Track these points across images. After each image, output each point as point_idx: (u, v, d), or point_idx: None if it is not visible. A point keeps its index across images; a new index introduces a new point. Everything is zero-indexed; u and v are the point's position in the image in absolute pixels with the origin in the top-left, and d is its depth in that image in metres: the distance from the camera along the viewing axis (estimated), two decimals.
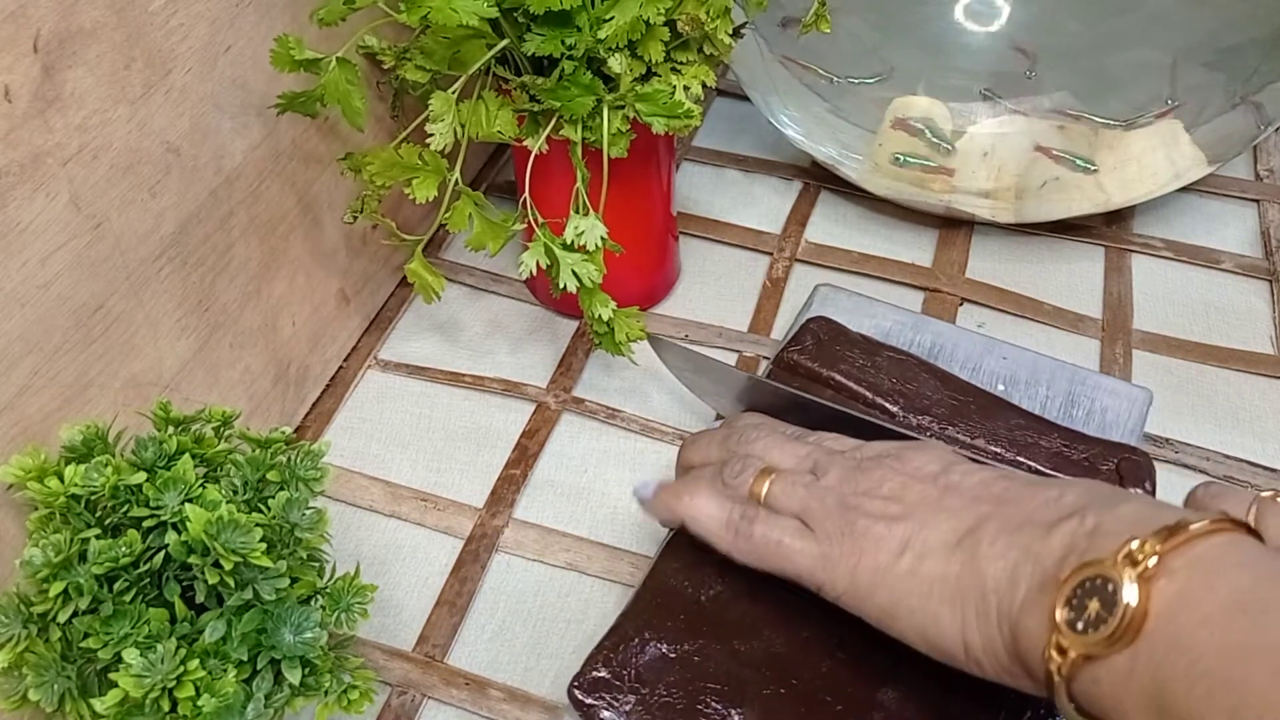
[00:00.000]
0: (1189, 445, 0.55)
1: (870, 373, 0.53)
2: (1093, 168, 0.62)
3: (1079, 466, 0.49)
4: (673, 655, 0.43)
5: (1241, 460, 0.54)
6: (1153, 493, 0.48)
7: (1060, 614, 0.31)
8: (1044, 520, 0.35)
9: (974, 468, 0.40)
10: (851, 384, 0.52)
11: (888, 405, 0.52)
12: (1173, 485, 0.51)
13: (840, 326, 0.55)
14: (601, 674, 0.42)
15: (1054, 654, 0.31)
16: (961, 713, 0.41)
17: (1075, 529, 0.34)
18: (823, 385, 0.52)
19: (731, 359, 0.59)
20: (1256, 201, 0.70)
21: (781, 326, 0.61)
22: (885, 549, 0.38)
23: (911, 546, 0.37)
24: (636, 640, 0.43)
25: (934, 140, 0.63)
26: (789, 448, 0.44)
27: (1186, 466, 0.54)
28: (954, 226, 0.68)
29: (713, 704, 0.41)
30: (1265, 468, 0.53)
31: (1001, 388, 0.54)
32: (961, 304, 0.63)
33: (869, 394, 0.52)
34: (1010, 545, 0.35)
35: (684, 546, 0.46)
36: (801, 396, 0.50)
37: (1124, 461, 0.49)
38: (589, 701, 0.41)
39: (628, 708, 0.41)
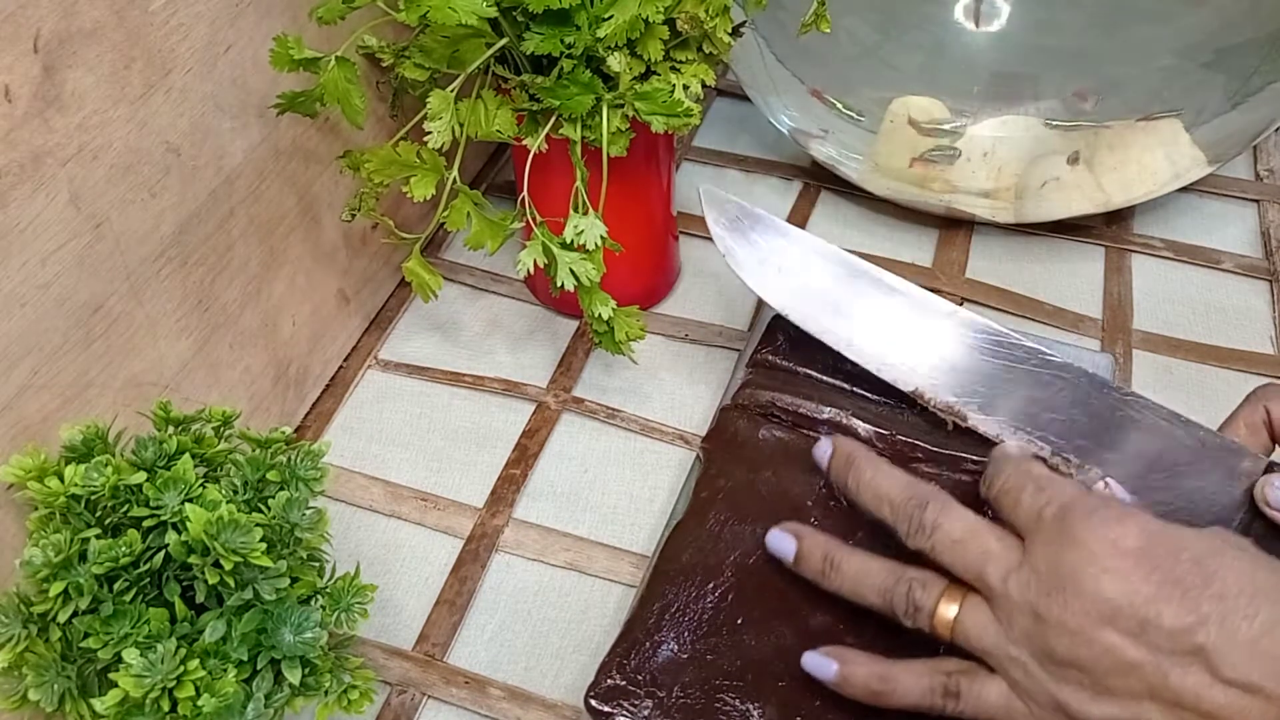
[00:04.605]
0: None
1: (845, 362, 0.52)
2: (1178, 111, 0.62)
3: None
4: (685, 656, 0.43)
5: None
6: None
7: None
8: None
9: (1165, 599, 0.35)
10: (828, 378, 0.52)
11: (866, 394, 0.52)
12: None
13: None
14: (617, 681, 0.42)
15: None
16: None
17: None
18: (799, 382, 0.52)
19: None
20: (1256, 201, 0.70)
21: None
22: None
23: None
24: (648, 644, 0.43)
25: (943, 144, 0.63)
26: (969, 543, 0.39)
27: None
28: (954, 226, 0.68)
29: (730, 701, 0.41)
30: None
31: None
32: (961, 304, 0.63)
33: (847, 385, 0.52)
34: None
35: (683, 546, 0.47)
36: (858, 267, 0.50)
37: None
38: (607, 710, 0.41)
39: (646, 712, 0.41)
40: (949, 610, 0.39)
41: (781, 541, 0.44)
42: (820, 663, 0.41)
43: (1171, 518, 0.41)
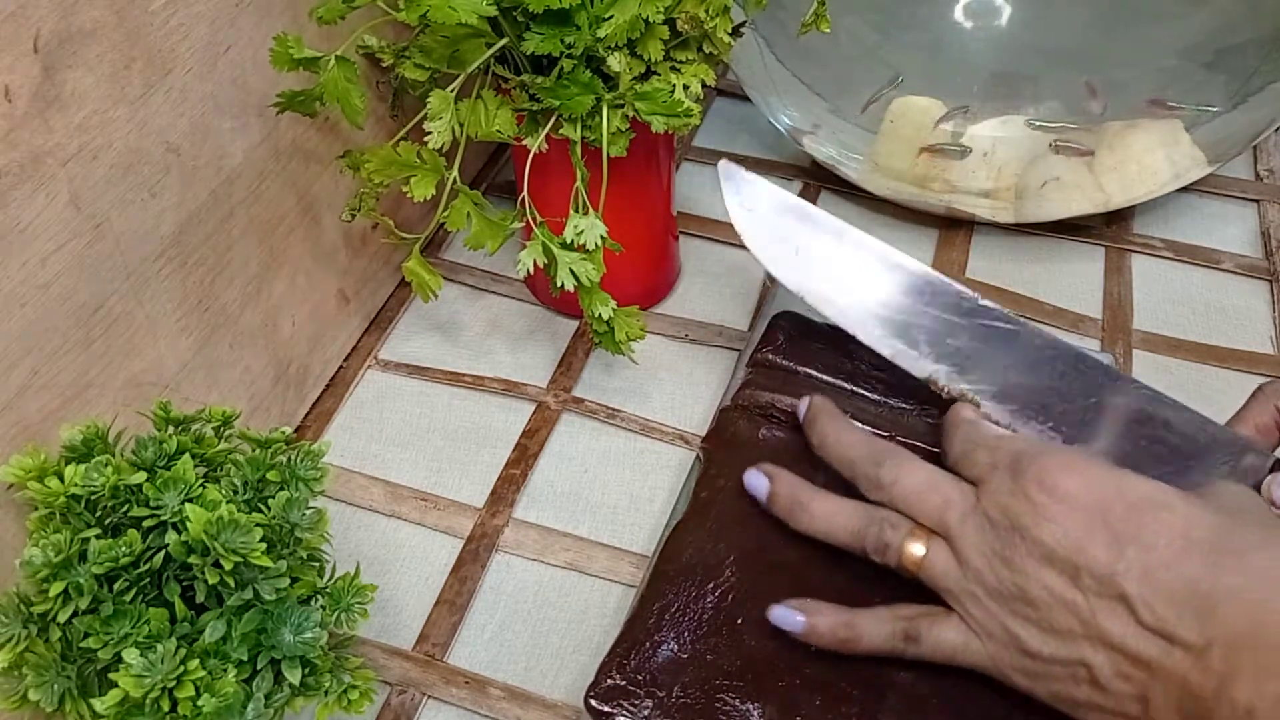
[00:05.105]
0: None
1: (846, 362, 0.52)
2: (1214, 109, 0.62)
3: None
4: (685, 656, 0.43)
5: None
6: None
7: None
8: (1205, 693, 0.34)
9: (1107, 566, 0.36)
10: (828, 377, 0.52)
11: (866, 393, 0.52)
12: None
13: (806, 320, 0.55)
14: (617, 681, 0.42)
15: None
16: (971, 687, 0.41)
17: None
18: (799, 382, 0.52)
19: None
20: (1256, 201, 0.70)
21: None
22: (1057, 677, 0.38)
23: (1081, 677, 0.37)
24: (648, 644, 0.43)
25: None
26: (927, 495, 0.42)
27: None
28: (954, 226, 0.68)
29: (730, 700, 0.41)
30: None
31: None
32: None
33: (847, 384, 0.52)
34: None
35: (682, 546, 0.47)
36: (877, 250, 0.50)
37: None
38: (607, 709, 0.41)
39: (646, 712, 0.41)
40: (916, 549, 0.41)
41: (757, 480, 0.47)
42: (787, 615, 0.43)
43: None
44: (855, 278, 0.50)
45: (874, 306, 0.50)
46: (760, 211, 0.51)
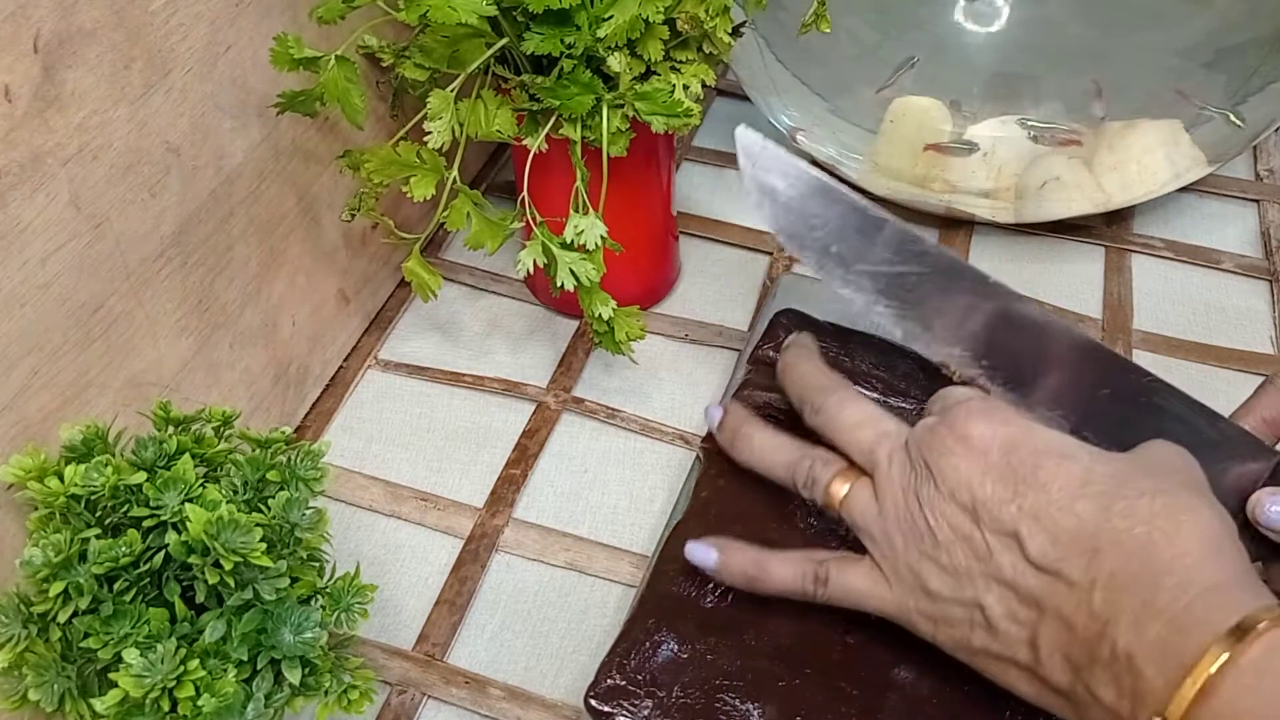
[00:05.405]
0: None
1: (846, 361, 0.52)
2: (1241, 124, 0.62)
3: None
4: (685, 656, 0.43)
5: None
6: None
7: None
8: (1089, 636, 0.34)
9: (1005, 517, 0.37)
10: None
11: (866, 392, 0.51)
12: None
13: (808, 317, 0.55)
14: (617, 681, 0.42)
15: None
16: (974, 686, 0.41)
17: (1120, 676, 0.33)
18: None
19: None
20: (1256, 201, 0.70)
21: None
22: (955, 621, 0.39)
23: (976, 620, 0.38)
24: (648, 644, 0.43)
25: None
26: (865, 426, 0.43)
27: None
28: (954, 226, 0.68)
29: (730, 700, 0.41)
30: None
31: None
32: None
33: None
34: (1070, 668, 0.35)
35: (682, 546, 0.47)
36: (898, 230, 0.47)
37: None
38: (607, 709, 0.41)
39: (646, 712, 0.41)
40: (841, 488, 0.42)
41: (713, 413, 0.49)
42: (701, 551, 0.44)
43: None
44: (872, 257, 0.48)
45: (888, 288, 0.48)
46: (776, 183, 0.49)
